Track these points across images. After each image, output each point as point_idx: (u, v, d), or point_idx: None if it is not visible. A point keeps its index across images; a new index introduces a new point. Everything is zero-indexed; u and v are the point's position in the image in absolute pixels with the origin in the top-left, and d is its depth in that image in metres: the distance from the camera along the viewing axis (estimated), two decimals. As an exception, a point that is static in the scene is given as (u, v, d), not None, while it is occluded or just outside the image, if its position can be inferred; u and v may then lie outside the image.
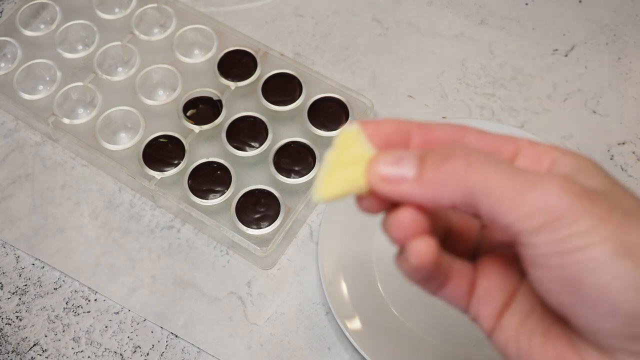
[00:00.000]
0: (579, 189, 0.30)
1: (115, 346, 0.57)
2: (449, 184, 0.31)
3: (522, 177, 0.31)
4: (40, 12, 0.72)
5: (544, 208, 0.30)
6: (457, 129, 0.35)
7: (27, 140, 0.67)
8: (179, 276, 0.60)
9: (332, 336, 0.57)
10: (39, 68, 0.68)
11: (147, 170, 0.63)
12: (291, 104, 0.65)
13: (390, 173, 0.33)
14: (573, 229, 0.29)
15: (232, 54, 0.68)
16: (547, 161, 0.34)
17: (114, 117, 0.66)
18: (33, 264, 0.61)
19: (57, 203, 0.63)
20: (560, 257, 0.30)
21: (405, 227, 0.33)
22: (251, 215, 0.60)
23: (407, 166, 0.33)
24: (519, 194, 0.30)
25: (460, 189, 0.31)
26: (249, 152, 0.63)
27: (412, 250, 0.33)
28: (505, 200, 0.30)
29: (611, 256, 0.29)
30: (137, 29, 0.70)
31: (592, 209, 0.30)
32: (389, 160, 0.33)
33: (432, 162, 0.32)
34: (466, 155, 0.31)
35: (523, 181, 0.31)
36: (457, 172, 0.31)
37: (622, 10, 0.72)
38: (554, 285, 0.31)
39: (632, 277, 0.29)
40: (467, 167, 0.31)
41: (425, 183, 0.32)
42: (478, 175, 0.31)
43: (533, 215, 0.30)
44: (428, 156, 0.32)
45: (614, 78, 0.68)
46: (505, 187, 0.30)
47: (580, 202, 0.30)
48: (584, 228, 0.29)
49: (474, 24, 0.72)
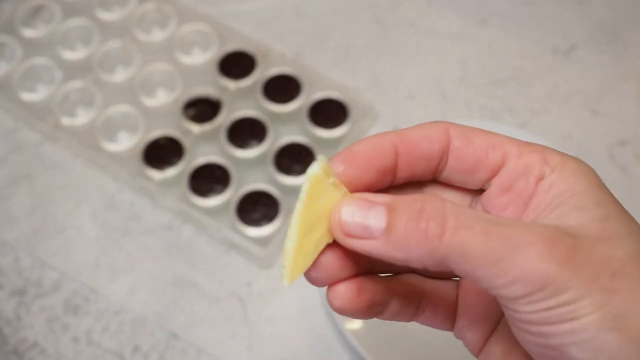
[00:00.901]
0: (564, 252, 0.28)
1: (115, 346, 0.57)
2: (420, 248, 0.29)
3: (499, 241, 0.28)
4: (40, 12, 0.72)
5: (525, 278, 0.28)
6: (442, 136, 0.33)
7: (27, 140, 0.67)
8: (179, 276, 0.60)
9: (332, 336, 0.57)
10: (38, 68, 0.68)
11: (147, 170, 0.63)
12: (291, 104, 0.65)
13: (354, 227, 0.30)
14: (557, 300, 0.28)
15: (232, 54, 0.68)
16: (534, 177, 0.31)
17: (114, 117, 0.66)
18: (33, 264, 0.61)
19: (57, 203, 0.63)
20: (543, 327, 0.28)
21: (321, 280, 0.31)
22: (251, 215, 0.60)
23: (375, 219, 0.29)
24: (496, 262, 0.28)
25: (433, 254, 0.28)
26: (249, 152, 0.63)
27: (331, 295, 0.31)
28: (482, 269, 0.28)
29: (596, 329, 0.27)
30: (137, 28, 0.70)
31: (576, 276, 0.28)
32: (352, 210, 0.30)
33: (402, 218, 0.29)
34: (441, 217, 0.28)
35: (501, 247, 0.28)
36: (429, 237, 0.28)
37: (622, 10, 0.72)
38: (538, 349, 0.29)
39: (617, 350, 0.28)
40: (441, 232, 0.28)
41: (392, 242, 0.29)
42: (452, 241, 0.28)
43: (512, 285, 0.28)
44: (398, 208, 0.29)
45: (614, 78, 0.68)
46: (481, 255, 0.28)
47: (564, 270, 0.28)
48: (568, 299, 0.28)
49: (474, 24, 0.72)
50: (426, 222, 0.28)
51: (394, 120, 0.66)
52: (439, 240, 0.28)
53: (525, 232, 0.28)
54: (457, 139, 0.33)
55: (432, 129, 0.34)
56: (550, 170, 0.31)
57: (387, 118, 0.66)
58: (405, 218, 0.29)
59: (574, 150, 0.64)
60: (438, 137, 0.33)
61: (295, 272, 0.30)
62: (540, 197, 0.31)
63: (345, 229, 0.30)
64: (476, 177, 0.33)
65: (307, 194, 0.29)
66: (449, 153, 0.33)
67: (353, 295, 0.31)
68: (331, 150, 0.63)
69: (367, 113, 0.65)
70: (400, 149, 0.33)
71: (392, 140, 0.33)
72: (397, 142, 0.33)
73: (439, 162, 0.33)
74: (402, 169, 0.33)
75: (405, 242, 0.29)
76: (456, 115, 0.67)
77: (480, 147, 0.33)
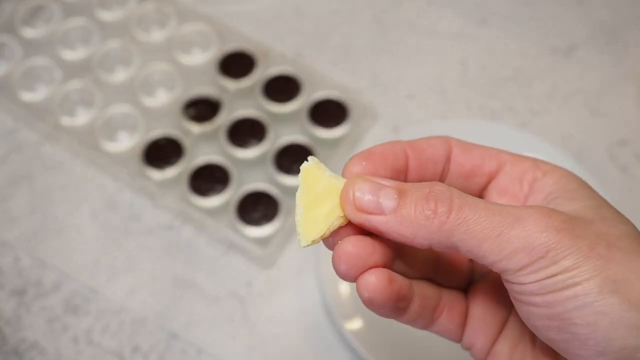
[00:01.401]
0: (560, 222, 0.30)
1: (115, 346, 0.57)
2: (428, 225, 0.30)
3: (501, 216, 0.30)
4: (40, 12, 0.72)
5: (526, 247, 0.29)
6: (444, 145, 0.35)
7: (27, 140, 0.67)
8: (179, 276, 0.60)
9: (332, 336, 0.57)
10: (38, 68, 0.68)
11: (147, 170, 0.63)
12: (291, 104, 0.65)
13: (366, 203, 0.31)
14: (557, 267, 0.29)
15: (233, 54, 0.68)
16: (528, 181, 0.34)
17: (114, 117, 0.66)
18: (33, 264, 0.61)
19: (57, 203, 0.63)
20: (547, 296, 0.29)
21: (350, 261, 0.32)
22: (251, 215, 0.60)
23: (386, 198, 0.31)
24: (499, 234, 0.29)
25: (439, 231, 0.30)
26: (248, 152, 0.63)
27: (361, 285, 0.32)
28: (485, 242, 0.30)
29: (597, 293, 0.28)
30: (137, 28, 0.70)
31: (575, 243, 0.29)
32: (365, 188, 0.31)
33: (412, 199, 0.31)
34: (448, 198, 0.30)
35: (502, 221, 0.30)
36: (437, 214, 0.30)
37: (622, 10, 0.72)
38: (542, 322, 0.30)
39: (619, 313, 0.28)
40: (448, 210, 0.30)
41: (403, 219, 0.31)
42: (458, 217, 0.30)
43: (515, 255, 0.29)
44: (409, 192, 0.31)
45: (614, 78, 0.68)
46: (484, 228, 0.30)
47: (562, 238, 0.29)
48: (568, 265, 0.29)
49: (474, 24, 0.72)
50: (435, 202, 0.30)
51: (393, 120, 0.66)
52: (446, 217, 0.30)
53: (523, 209, 0.30)
54: (457, 148, 0.35)
55: (435, 139, 0.36)
56: (543, 174, 0.34)
57: (387, 118, 0.66)
58: (416, 198, 0.31)
59: (574, 150, 0.64)
60: (441, 145, 0.35)
61: (309, 234, 0.32)
62: (536, 195, 0.33)
63: (357, 204, 0.31)
64: (475, 182, 0.36)
65: (302, 179, 0.33)
66: (450, 160, 0.35)
67: (384, 284, 0.32)
68: (331, 150, 0.63)
69: (367, 113, 0.65)
70: (410, 153, 0.35)
71: (402, 145, 0.35)
72: (407, 148, 0.35)
73: (444, 166, 0.35)
74: (413, 170, 0.35)
75: (415, 219, 0.30)
76: (456, 115, 0.67)
77: (478, 155, 0.35)
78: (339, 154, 0.63)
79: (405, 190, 0.31)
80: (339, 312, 0.55)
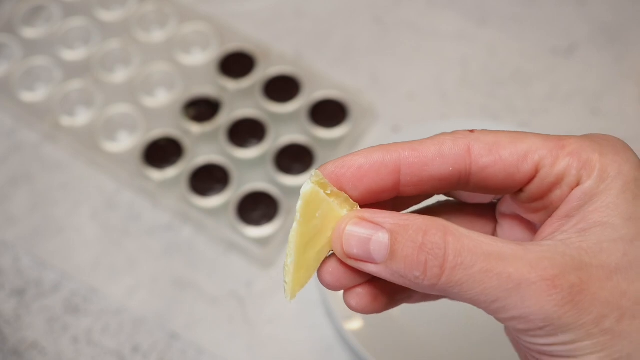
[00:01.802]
0: (566, 294, 0.27)
1: (115, 346, 0.57)
2: (419, 284, 0.28)
3: (498, 280, 0.27)
4: (40, 12, 0.72)
5: (523, 318, 0.27)
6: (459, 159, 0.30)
7: (27, 140, 0.67)
8: (178, 276, 0.60)
9: (332, 336, 0.57)
10: (38, 68, 0.68)
11: (147, 170, 0.63)
12: (291, 104, 0.65)
13: (357, 253, 0.29)
14: (555, 339, 0.27)
15: (232, 54, 0.68)
16: (567, 187, 0.29)
17: (114, 117, 0.66)
18: (33, 263, 0.61)
19: (57, 203, 0.63)
20: (544, 357, 0.28)
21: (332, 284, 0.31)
22: (251, 215, 0.60)
23: (376, 249, 0.29)
24: (494, 300, 0.27)
25: (431, 287, 0.28)
26: (248, 152, 0.63)
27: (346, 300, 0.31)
28: (480, 304, 0.28)
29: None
30: (137, 28, 0.70)
31: (578, 319, 0.27)
32: (354, 235, 0.29)
33: (403, 252, 0.28)
34: (441, 255, 0.28)
35: (499, 286, 0.27)
36: (427, 277, 0.28)
37: (622, 10, 0.72)
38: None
39: None
40: (440, 272, 0.28)
41: (394, 273, 0.29)
42: (450, 281, 0.28)
43: (512, 321, 0.28)
44: (400, 241, 0.28)
45: (614, 78, 0.68)
46: (479, 294, 0.27)
47: (564, 314, 0.27)
48: (567, 340, 0.27)
49: (474, 23, 0.72)
50: (425, 259, 0.28)
51: (393, 120, 0.66)
52: (437, 279, 0.28)
53: (526, 269, 0.27)
54: (483, 156, 0.30)
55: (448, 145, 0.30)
56: (587, 177, 0.29)
57: (387, 118, 0.66)
58: (407, 251, 0.28)
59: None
60: (453, 158, 0.30)
61: (296, 287, 0.30)
62: (570, 205, 0.29)
63: (347, 251, 0.29)
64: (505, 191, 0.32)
65: (301, 212, 0.30)
66: (470, 173, 0.30)
67: (367, 302, 0.31)
68: (331, 150, 0.63)
69: (367, 113, 0.65)
70: (405, 169, 0.30)
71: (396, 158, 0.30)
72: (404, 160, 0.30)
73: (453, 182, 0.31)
74: (408, 187, 0.31)
75: (405, 274, 0.28)
76: (456, 115, 0.67)
77: (510, 162, 0.30)
78: (339, 154, 0.63)
79: (397, 236, 0.28)
80: (339, 312, 0.55)
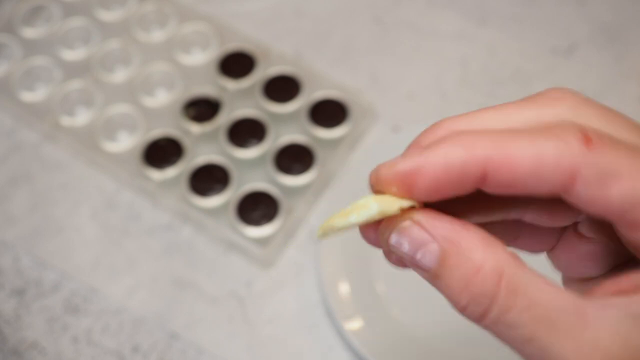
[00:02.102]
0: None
1: (115, 346, 0.57)
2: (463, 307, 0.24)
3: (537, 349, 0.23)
4: (40, 12, 0.72)
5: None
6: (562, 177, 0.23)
7: (27, 140, 0.67)
8: (178, 276, 0.60)
9: (332, 336, 0.57)
10: (38, 68, 0.68)
11: (146, 170, 0.63)
12: (291, 104, 0.65)
13: (404, 252, 0.25)
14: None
15: (232, 54, 0.68)
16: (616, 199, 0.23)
17: (114, 117, 0.66)
18: (33, 263, 0.61)
19: (57, 203, 0.63)
20: None
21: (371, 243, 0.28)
22: (251, 215, 0.60)
23: (423, 260, 0.25)
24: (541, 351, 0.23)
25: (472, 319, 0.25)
26: (249, 152, 0.63)
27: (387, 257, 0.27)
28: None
29: None
30: (137, 28, 0.70)
31: None
32: (401, 242, 0.25)
33: (446, 280, 0.24)
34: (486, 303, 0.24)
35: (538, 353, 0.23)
36: (468, 312, 0.24)
37: (622, 10, 0.72)
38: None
39: None
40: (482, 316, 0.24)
41: (437, 286, 0.25)
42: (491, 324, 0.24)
43: None
44: (451, 263, 0.24)
45: (614, 78, 0.68)
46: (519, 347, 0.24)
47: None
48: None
49: (474, 23, 0.72)
50: (467, 302, 0.24)
51: (393, 120, 0.66)
52: (478, 320, 0.24)
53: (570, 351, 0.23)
54: (588, 188, 0.23)
55: (550, 160, 0.23)
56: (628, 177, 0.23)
57: (387, 118, 0.66)
58: (451, 282, 0.24)
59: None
60: (552, 181, 0.24)
61: (327, 228, 0.27)
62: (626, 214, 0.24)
63: (393, 245, 0.26)
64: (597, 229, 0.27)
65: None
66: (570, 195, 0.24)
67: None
68: (331, 150, 0.63)
69: (367, 113, 0.65)
70: (492, 175, 0.24)
71: (482, 157, 0.24)
72: (489, 161, 0.24)
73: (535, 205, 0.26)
74: (492, 190, 0.25)
75: (449, 294, 0.25)
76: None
77: (617, 205, 0.23)
78: (338, 154, 0.63)
79: (448, 256, 0.24)
80: (339, 312, 0.55)
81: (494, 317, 0.24)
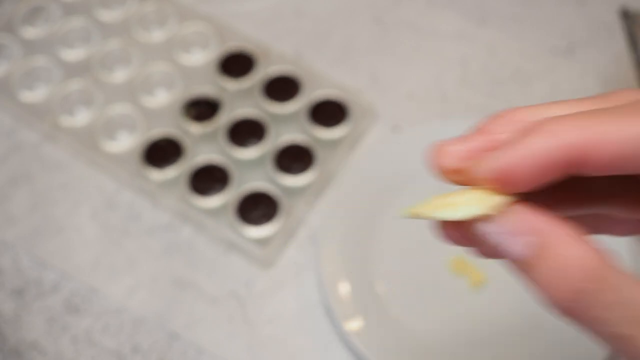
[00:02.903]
0: None
1: (115, 346, 0.57)
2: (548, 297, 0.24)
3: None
4: (40, 12, 0.72)
5: None
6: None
7: (26, 140, 0.67)
8: (178, 276, 0.60)
9: (332, 336, 0.57)
10: (38, 68, 0.68)
11: (146, 170, 0.63)
12: (291, 104, 0.65)
13: (500, 242, 0.25)
14: None
15: (232, 54, 0.68)
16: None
17: (114, 117, 0.66)
18: (33, 263, 0.61)
19: (57, 203, 0.63)
20: None
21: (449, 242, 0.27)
22: (251, 215, 0.60)
23: (522, 250, 0.25)
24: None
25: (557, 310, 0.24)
26: (248, 152, 0.63)
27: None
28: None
29: None
30: (137, 28, 0.70)
31: None
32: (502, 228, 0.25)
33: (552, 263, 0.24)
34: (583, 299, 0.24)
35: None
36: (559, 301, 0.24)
37: (622, 10, 0.72)
38: None
39: None
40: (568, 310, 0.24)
41: (534, 276, 0.24)
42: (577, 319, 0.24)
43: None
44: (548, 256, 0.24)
45: (614, 78, 0.68)
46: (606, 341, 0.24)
47: None
48: None
49: (474, 24, 0.72)
50: (567, 284, 0.24)
51: (393, 120, 0.66)
52: (570, 311, 0.24)
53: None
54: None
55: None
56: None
57: (387, 118, 0.66)
58: (550, 269, 0.24)
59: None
60: None
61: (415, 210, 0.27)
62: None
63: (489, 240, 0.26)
64: None
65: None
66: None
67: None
68: (331, 150, 0.63)
69: (367, 113, 0.65)
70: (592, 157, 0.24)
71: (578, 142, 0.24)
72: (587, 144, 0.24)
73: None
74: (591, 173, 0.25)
75: (542, 285, 0.24)
76: (456, 116, 0.67)
77: None
78: (338, 154, 0.63)
79: (545, 249, 0.24)
80: (339, 312, 0.55)
81: (584, 312, 0.24)
